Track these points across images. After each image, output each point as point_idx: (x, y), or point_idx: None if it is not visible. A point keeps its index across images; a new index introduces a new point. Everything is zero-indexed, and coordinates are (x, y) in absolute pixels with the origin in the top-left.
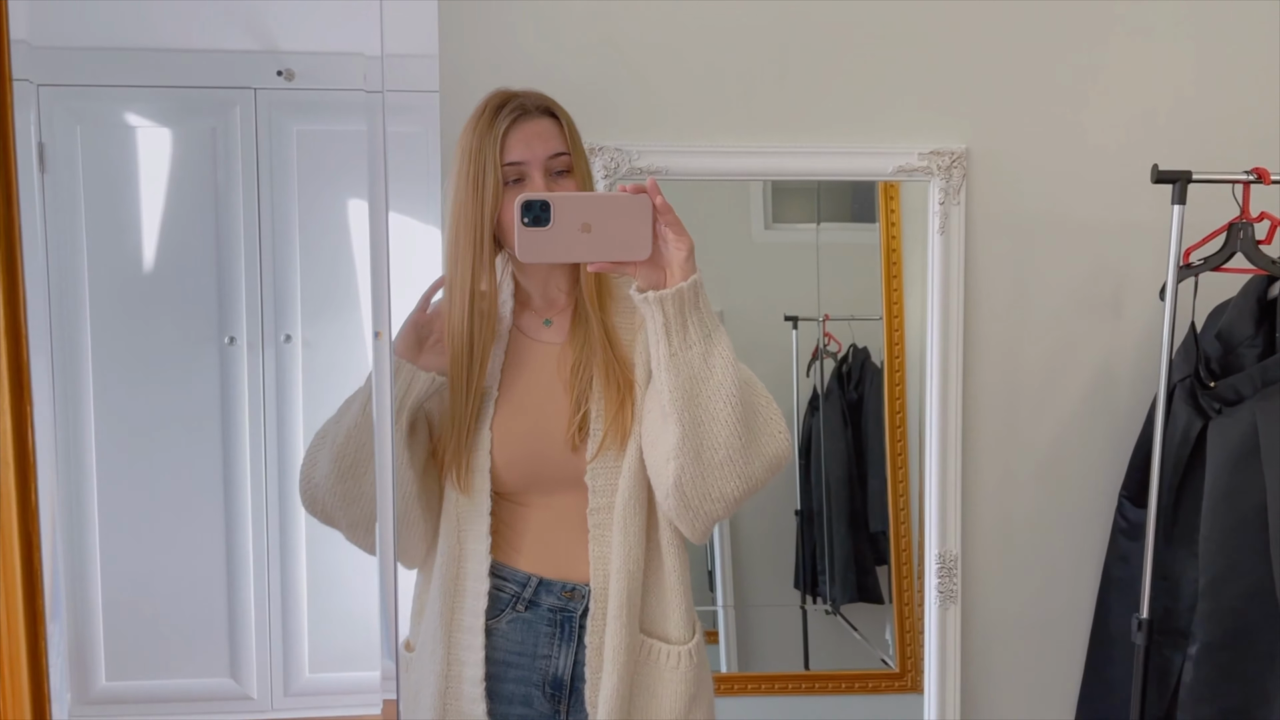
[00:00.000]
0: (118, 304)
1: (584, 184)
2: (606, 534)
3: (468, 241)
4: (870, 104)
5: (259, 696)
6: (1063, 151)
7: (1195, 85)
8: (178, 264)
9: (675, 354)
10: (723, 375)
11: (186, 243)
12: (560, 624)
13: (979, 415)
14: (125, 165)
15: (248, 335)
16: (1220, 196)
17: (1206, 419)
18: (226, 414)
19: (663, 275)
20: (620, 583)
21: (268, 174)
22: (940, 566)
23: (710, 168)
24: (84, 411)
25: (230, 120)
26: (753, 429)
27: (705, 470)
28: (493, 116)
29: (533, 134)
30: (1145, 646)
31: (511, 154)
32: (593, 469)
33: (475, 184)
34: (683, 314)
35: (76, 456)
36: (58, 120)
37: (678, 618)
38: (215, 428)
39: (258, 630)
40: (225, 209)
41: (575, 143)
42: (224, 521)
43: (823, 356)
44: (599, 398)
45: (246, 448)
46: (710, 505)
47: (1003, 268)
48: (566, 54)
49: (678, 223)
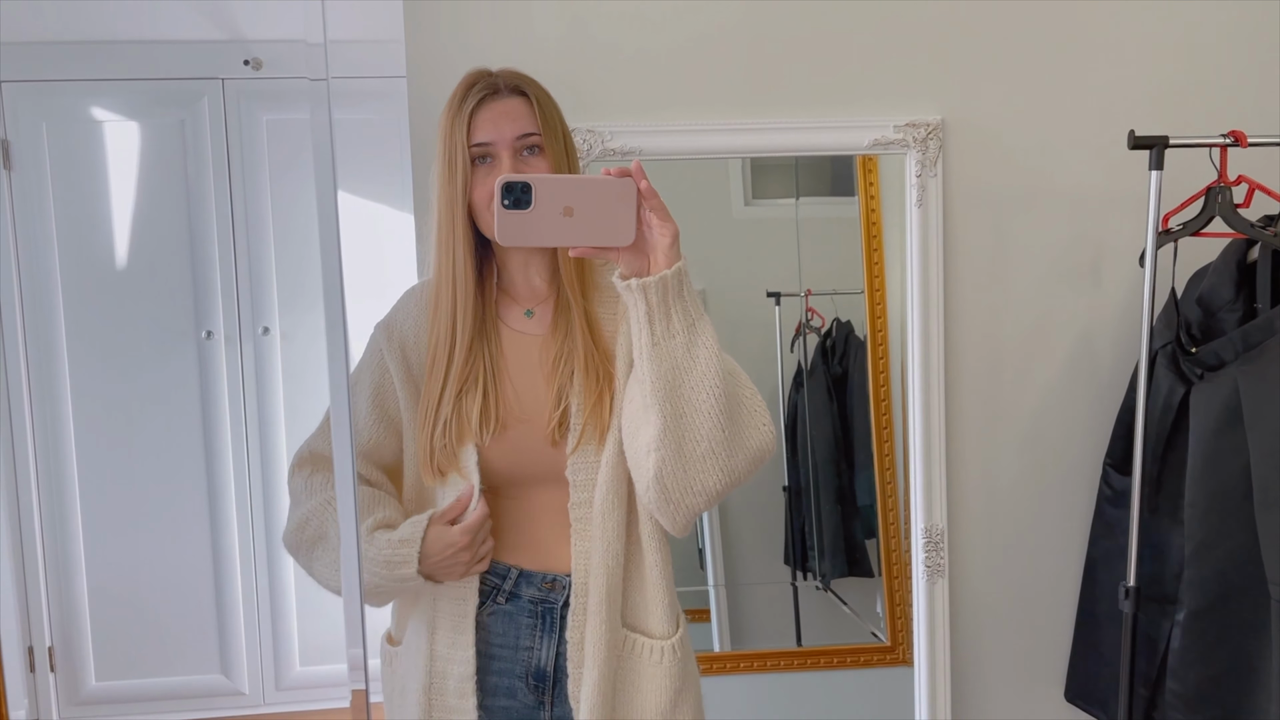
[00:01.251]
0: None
1: (559, 164)
2: (587, 528)
3: (446, 224)
4: (844, 77)
5: (250, 691)
6: (1039, 120)
7: (1171, 50)
8: (151, 259)
9: (658, 343)
10: (706, 366)
11: (159, 237)
12: (541, 615)
13: (961, 388)
14: (94, 160)
15: (225, 329)
16: (1198, 161)
17: (1189, 385)
18: (207, 409)
19: (646, 262)
20: (600, 577)
21: (239, 165)
22: (927, 540)
23: (683, 146)
24: (62, 411)
25: (199, 111)
26: (736, 421)
27: (687, 463)
28: (463, 96)
29: (500, 113)
30: (1133, 614)
31: (478, 135)
32: (573, 463)
33: (449, 165)
34: (666, 302)
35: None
36: (23, 117)
37: (660, 612)
38: (196, 423)
39: (247, 626)
40: (197, 201)
41: (549, 122)
42: (209, 517)
43: (806, 332)
44: (579, 391)
45: (229, 443)
46: (691, 498)
47: (982, 239)
48: (537, 35)
49: (663, 208)
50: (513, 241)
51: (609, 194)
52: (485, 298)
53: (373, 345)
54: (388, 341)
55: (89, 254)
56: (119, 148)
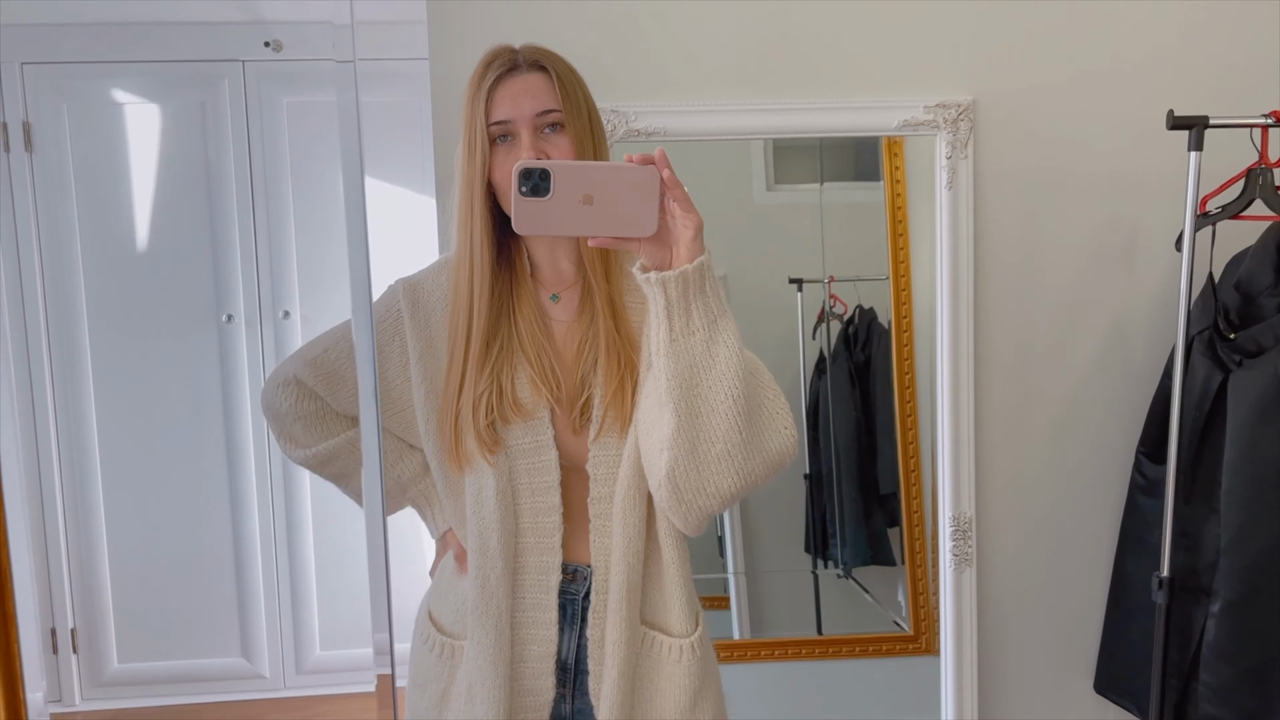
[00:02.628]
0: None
1: (582, 140)
2: (607, 524)
3: (465, 205)
4: (873, 57)
5: (271, 675)
6: (1073, 100)
7: (1209, 28)
8: (172, 242)
9: (676, 339)
10: (725, 365)
11: (180, 220)
12: (563, 606)
13: (991, 374)
14: (115, 142)
15: (245, 313)
16: (1237, 142)
17: (1226, 372)
18: (227, 392)
19: (668, 254)
20: (620, 574)
21: (259, 148)
22: (955, 529)
23: (710, 127)
24: (83, 393)
25: (219, 94)
26: (755, 423)
27: (700, 464)
28: (482, 74)
29: (520, 90)
30: (1166, 605)
31: (497, 112)
32: (594, 456)
33: (468, 146)
34: (686, 297)
35: (78, 442)
36: (44, 99)
37: (678, 609)
38: (217, 406)
39: (267, 609)
40: (218, 184)
41: (571, 97)
42: (229, 500)
43: (829, 319)
44: (601, 378)
45: (250, 426)
46: (704, 500)
47: (1013, 222)
48: (560, 14)
49: (686, 198)
50: (530, 230)
51: (630, 183)
52: (513, 281)
53: (389, 304)
54: (412, 307)
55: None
56: (140, 130)
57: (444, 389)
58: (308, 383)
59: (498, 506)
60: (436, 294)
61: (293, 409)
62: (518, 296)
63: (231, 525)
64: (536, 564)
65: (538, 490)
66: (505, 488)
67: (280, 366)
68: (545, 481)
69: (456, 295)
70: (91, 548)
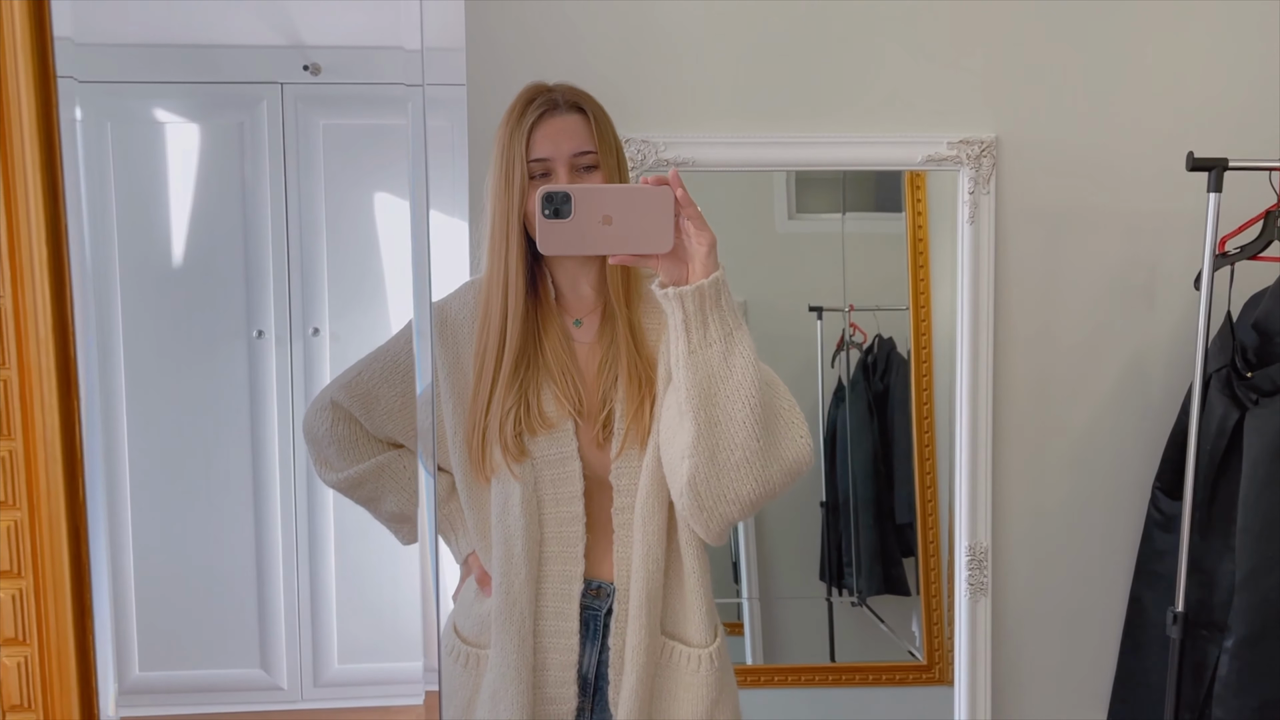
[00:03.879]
0: (148, 299)
1: (612, 180)
2: (629, 533)
3: (500, 235)
4: (898, 92)
5: (289, 687)
6: (1095, 140)
7: (1229, 71)
8: (206, 259)
9: (694, 351)
10: (742, 375)
11: (215, 237)
12: (586, 622)
13: (1009, 406)
14: (154, 161)
15: (276, 329)
16: (1257, 184)
17: (1243, 410)
18: (255, 407)
19: (685, 270)
20: (640, 583)
21: (295, 168)
22: (970, 559)
23: (737, 158)
24: (116, 406)
25: (258, 115)
26: (772, 432)
27: (720, 471)
28: (522, 111)
29: (559, 130)
30: (1180, 640)
31: (537, 150)
32: (617, 468)
33: (505, 179)
34: (703, 311)
35: (110, 451)
36: (88, 117)
37: (698, 620)
38: (244, 421)
39: (287, 621)
40: (253, 203)
41: (605, 139)
42: (253, 514)
43: (848, 347)
44: (622, 396)
45: (275, 441)
46: (725, 507)
47: (1033, 257)
48: (593, 46)
49: (699, 216)
50: (554, 250)
51: (646, 202)
52: (539, 306)
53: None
54: (441, 326)
55: (147, 252)
56: (179, 149)
57: (472, 403)
58: (344, 405)
59: (523, 515)
60: (464, 313)
61: (329, 433)
62: (543, 320)
63: (254, 538)
64: (560, 573)
65: (562, 500)
66: (530, 497)
67: (320, 393)
68: (569, 491)
69: (488, 318)
70: (118, 557)
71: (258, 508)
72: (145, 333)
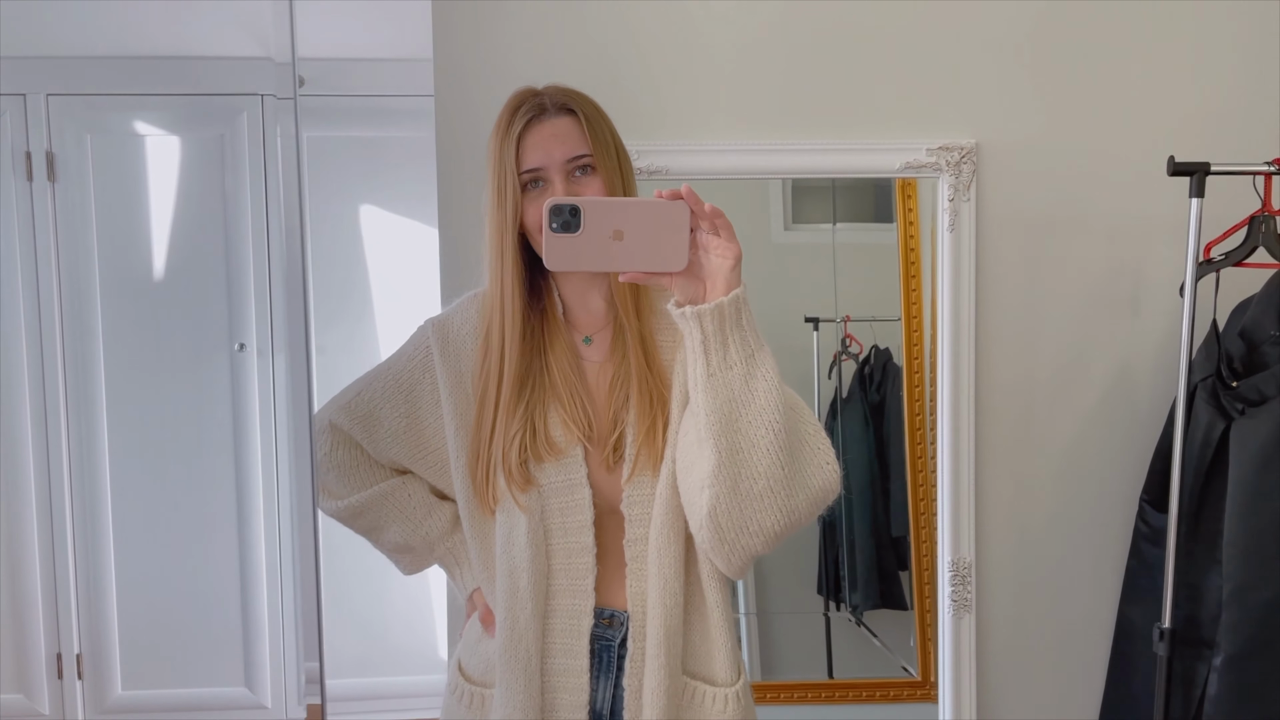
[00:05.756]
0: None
1: (613, 181)
2: (643, 567)
3: (496, 251)
4: (878, 99)
5: (273, 705)
6: (1076, 145)
7: (1212, 74)
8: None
9: (714, 374)
10: (765, 399)
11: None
12: (598, 653)
13: (992, 417)
14: (135, 173)
15: (258, 342)
16: (1241, 189)
17: (1229, 420)
18: (238, 421)
19: (702, 288)
20: (658, 619)
21: (275, 180)
22: (954, 574)
23: (714, 166)
24: (97, 419)
25: (238, 127)
26: (797, 459)
27: (743, 501)
28: (510, 119)
29: (549, 135)
30: (1168, 657)
31: (528, 160)
32: (628, 495)
33: (498, 192)
34: (723, 331)
35: (90, 465)
36: (68, 130)
37: (723, 657)
38: (227, 435)
39: (271, 639)
40: (234, 215)
41: (600, 139)
42: (237, 530)
43: (843, 358)
44: (634, 418)
45: (258, 455)
46: (748, 539)
47: (1016, 265)
48: (571, 53)
49: (729, 227)
50: (561, 266)
51: (660, 217)
52: (545, 323)
53: (419, 342)
54: (442, 344)
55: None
56: (160, 161)
57: (475, 428)
58: (344, 428)
59: (529, 546)
60: (465, 328)
61: (328, 458)
62: (550, 337)
63: (238, 554)
64: (568, 607)
65: (570, 530)
66: (537, 527)
67: (316, 415)
68: (578, 521)
69: (488, 338)
70: (99, 573)
71: (241, 524)
72: (127, 346)
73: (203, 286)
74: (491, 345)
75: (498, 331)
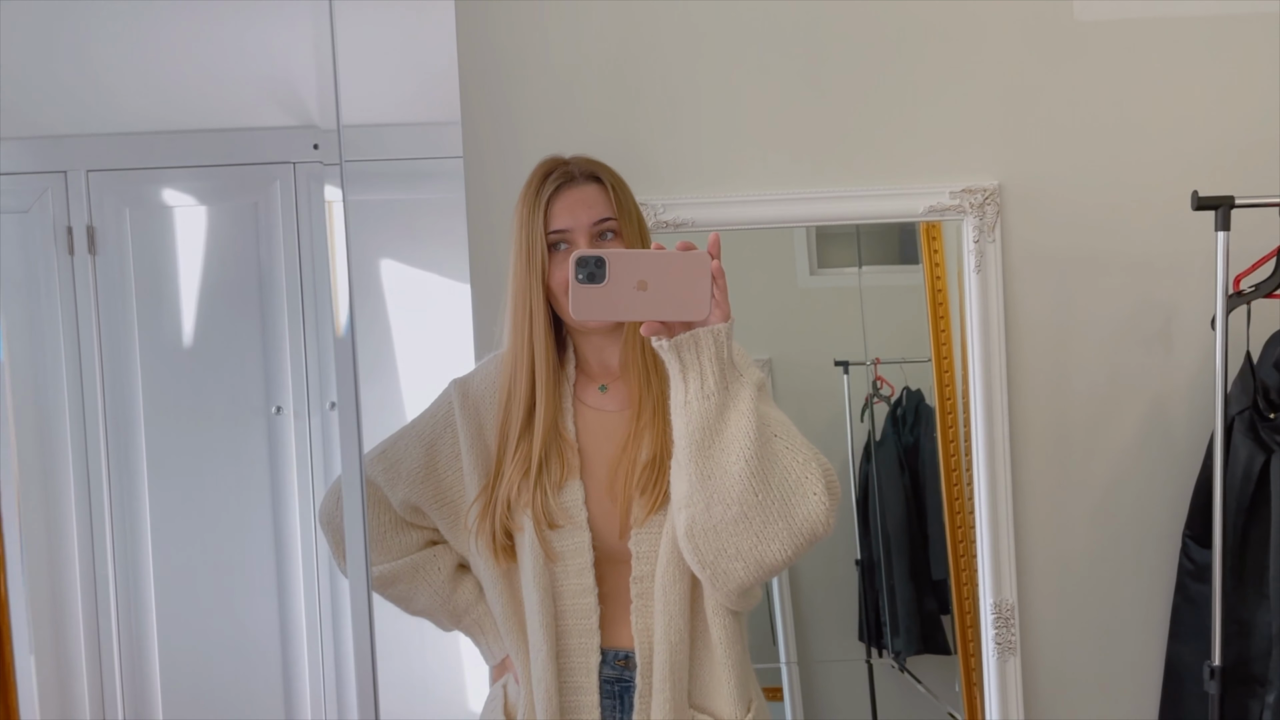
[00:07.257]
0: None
1: (634, 245)
2: (648, 604)
3: (522, 309)
4: (900, 144)
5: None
6: (1099, 182)
7: (1234, 107)
8: (224, 337)
9: (690, 402)
10: (737, 429)
11: (232, 315)
12: (619, 695)
13: (1028, 457)
14: (170, 243)
15: (294, 404)
16: (1269, 221)
17: (1269, 453)
18: (275, 482)
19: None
20: (664, 655)
21: (308, 245)
22: (996, 616)
23: (736, 217)
24: (138, 484)
25: (271, 194)
26: (777, 488)
27: (717, 525)
28: (539, 185)
29: (577, 201)
30: (1220, 695)
31: (556, 222)
32: (636, 535)
33: (526, 253)
34: (700, 361)
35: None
36: (108, 204)
37: (728, 692)
38: (265, 496)
39: (312, 698)
40: (268, 281)
41: (624, 206)
42: (276, 590)
43: (875, 401)
44: (644, 465)
45: (297, 515)
46: (727, 563)
47: (1044, 305)
48: (593, 109)
49: (723, 290)
50: (587, 316)
51: (683, 268)
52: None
53: (443, 400)
54: (463, 399)
55: (165, 333)
56: (194, 231)
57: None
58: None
59: (536, 589)
60: (486, 384)
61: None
62: (563, 391)
63: (278, 615)
64: (577, 646)
65: (572, 573)
66: (542, 572)
67: (337, 479)
68: (579, 564)
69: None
70: (142, 636)
71: (280, 584)
72: (166, 412)
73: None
74: (516, 402)
75: (525, 385)
